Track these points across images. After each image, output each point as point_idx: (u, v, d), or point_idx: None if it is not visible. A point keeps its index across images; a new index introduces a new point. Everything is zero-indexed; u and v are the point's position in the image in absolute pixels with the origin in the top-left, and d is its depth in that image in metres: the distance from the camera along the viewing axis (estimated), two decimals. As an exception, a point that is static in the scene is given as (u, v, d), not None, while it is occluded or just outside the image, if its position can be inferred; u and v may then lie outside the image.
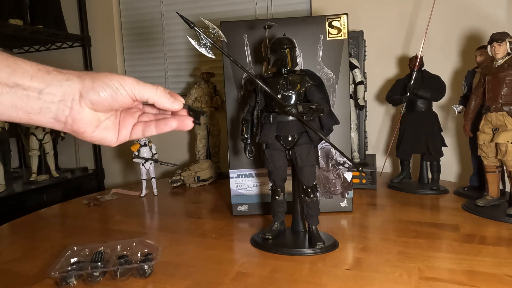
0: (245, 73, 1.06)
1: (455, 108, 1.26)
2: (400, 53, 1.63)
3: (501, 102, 1.04)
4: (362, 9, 1.64)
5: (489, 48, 1.07)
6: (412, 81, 1.32)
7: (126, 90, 0.43)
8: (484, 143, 1.09)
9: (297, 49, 0.94)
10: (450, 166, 1.58)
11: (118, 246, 0.83)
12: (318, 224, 0.89)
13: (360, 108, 1.45)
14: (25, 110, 0.40)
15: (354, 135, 1.43)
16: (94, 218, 1.20)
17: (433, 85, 1.33)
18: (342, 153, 0.73)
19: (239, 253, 0.89)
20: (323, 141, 0.88)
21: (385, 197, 1.29)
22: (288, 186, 0.96)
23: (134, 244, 0.85)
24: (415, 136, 1.35)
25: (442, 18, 1.52)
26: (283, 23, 1.05)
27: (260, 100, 0.88)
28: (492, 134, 1.07)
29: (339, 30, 1.07)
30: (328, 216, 1.09)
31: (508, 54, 1.05)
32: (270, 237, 0.91)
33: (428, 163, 1.38)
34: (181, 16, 0.60)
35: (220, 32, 0.64)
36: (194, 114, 0.49)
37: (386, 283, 0.71)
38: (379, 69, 1.65)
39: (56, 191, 1.80)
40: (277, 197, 0.93)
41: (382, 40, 1.63)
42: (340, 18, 1.06)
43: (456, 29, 1.54)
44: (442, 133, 1.36)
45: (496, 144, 1.05)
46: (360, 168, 0.74)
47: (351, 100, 1.36)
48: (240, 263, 0.82)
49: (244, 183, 1.13)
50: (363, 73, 1.46)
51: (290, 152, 0.88)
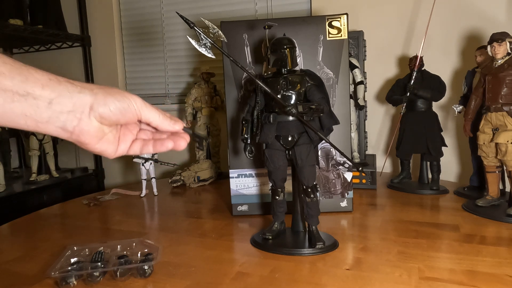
0: (245, 73, 1.06)
1: (455, 108, 1.26)
2: (400, 53, 1.63)
3: (501, 102, 1.04)
4: (362, 9, 1.64)
5: (489, 48, 1.07)
6: (412, 81, 1.32)
7: (135, 109, 0.45)
8: (484, 143, 1.09)
9: (297, 49, 0.94)
10: (450, 166, 1.58)
11: (118, 246, 0.83)
12: (318, 224, 0.89)
13: (360, 108, 1.45)
14: (34, 119, 0.40)
15: (354, 135, 1.43)
16: (94, 218, 1.20)
17: (433, 85, 1.33)
18: (342, 153, 0.73)
19: (239, 253, 0.89)
20: (323, 141, 0.88)
21: (385, 197, 1.29)
22: (288, 186, 0.96)
23: (134, 244, 0.85)
24: (415, 136, 1.35)
25: (442, 18, 1.52)
26: (283, 23, 1.05)
27: (260, 100, 0.88)
28: (492, 134, 1.07)
29: (339, 30, 1.07)
30: (328, 216, 1.09)
31: (508, 54, 1.05)
32: (270, 237, 0.91)
33: (428, 163, 1.38)
34: (181, 16, 0.60)
35: (220, 32, 0.64)
36: (198, 140, 0.50)
37: (386, 283, 0.71)
38: (379, 69, 1.65)
39: (56, 191, 1.80)
40: (277, 197, 0.93)
41: (382, 40, 1.63)
42: (340, 18, 1.06)
43: (456, 29, 1.54)
44: (442, 133, 1.36)
45: (496, 144, 1.05)
46: (360, 168, 0.74)
47: (351, 100, 1.36)
48: (240, 263, 0.82)
49: (244, 183, 1.13)
50: (363, 73, 1.46)
51: (290, 152, 0.88)
